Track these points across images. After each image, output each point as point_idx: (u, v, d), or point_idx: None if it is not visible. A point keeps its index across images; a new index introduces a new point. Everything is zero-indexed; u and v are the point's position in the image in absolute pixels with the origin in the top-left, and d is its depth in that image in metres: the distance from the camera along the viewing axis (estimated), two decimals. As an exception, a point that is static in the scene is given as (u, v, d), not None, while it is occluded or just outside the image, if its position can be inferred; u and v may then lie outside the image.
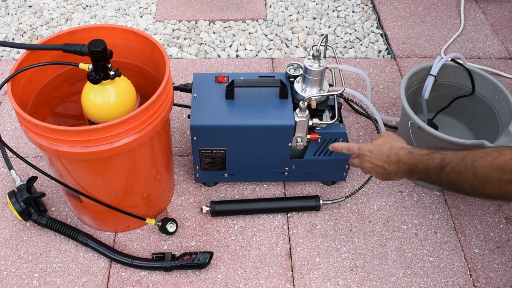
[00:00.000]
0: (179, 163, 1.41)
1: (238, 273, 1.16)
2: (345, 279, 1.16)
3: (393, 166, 0.99)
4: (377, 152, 1.01)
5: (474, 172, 0.84)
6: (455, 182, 0.87)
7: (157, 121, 0.99)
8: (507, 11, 2.02)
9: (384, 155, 1.00)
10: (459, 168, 0.86)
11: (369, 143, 1.05)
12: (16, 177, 1.28)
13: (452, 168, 0.87)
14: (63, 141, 0.91)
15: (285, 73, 1.25)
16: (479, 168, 0.83)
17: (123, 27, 1.11)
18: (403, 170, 0.97)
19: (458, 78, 1.38)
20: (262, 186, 1.35)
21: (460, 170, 0.86)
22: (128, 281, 1.14)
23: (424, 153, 0.94)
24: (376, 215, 1.29)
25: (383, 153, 1.00)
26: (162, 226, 1.21)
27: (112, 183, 1.07)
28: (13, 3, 2.04)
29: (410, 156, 0.96)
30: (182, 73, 1.69)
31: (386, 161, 1.00)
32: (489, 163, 0.81)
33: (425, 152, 0.94)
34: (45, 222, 1.20)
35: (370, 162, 1.03)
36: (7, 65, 1.72)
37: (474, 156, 0.85)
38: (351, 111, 1.57)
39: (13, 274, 1.15)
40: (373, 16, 2.01)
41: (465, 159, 0.85)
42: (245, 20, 1.97)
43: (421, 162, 0.93)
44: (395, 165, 0.98)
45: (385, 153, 1.00)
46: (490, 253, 1.22)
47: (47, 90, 1.12)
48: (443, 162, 0.89)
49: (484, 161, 0.82)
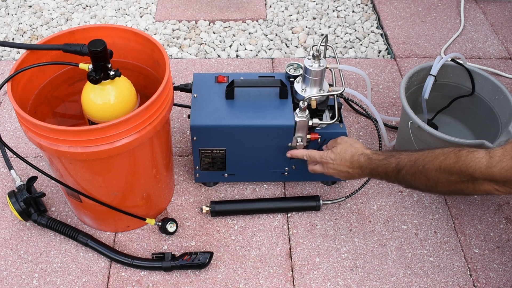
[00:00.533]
0: (179, 163, 1.41)
1: (238, 273, 1.16)
2: (345, 279, 1.16)
3: (356, 170, 1.07)
4: (340, 159, 1.09)
5: (426, 175, 0.92)
6: (411, 183, 0.96)
7: (157, 121, 0.99)
8: (507, 11, 2.02)
9: (347, 161, 1.07)
10: (412, 171, 0.94)
11: (330, 151, 1.12)
12: (16, 177, 1.29)
13: (407, 171, 0.95)
14: (63, 141, 0.91)
15: (285, 73, 1.25)
16: (429, 171, 0.91)
17: (123, 27, 1.11)
18: (366, 173, 1.06)
19: (458, 78, 1.38)
20: (262, 186, 1.35)
21: (414, 173, 0.94)
22: (128, 281, 1.14)
23: (382, 158, 1.02)
24: (376, 215, 1.29)
25: (346, 160, 1.08)
26: (162, 226, 1.21)
27: (112, 183, 1.07)
28: (13, 3, 2.04)
29: (370, 162, 1.03)
30: (182, 73, 1.69)
31: (349, 166, 1.07)
32: (437, 166, 0.90)
33: (382, 157, 1.02)
34: (45, 222, 1.20)
35: (334, 168, 1.11)
36: (7, 65, 1.72)
37: (424, 159, 0.93)
38: (351, 111, 1.57)
39: (13, 274, 1.15)
40: (373, 16, 2.01)
41: (417, 163, 0.94)
42: (245, 20, 1.97)
43: (380, 167, 1.01)
44: (358, 170, 1.06)
45: (348, 160, 1.07)
46: (490, 253, 1.22)
47: (47, 90, 1.12)
48: (398, 165, 0.97)
49: (433, 164, 0.91)
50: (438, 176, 0.90)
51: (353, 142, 1.10)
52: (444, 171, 0.89)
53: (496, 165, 0.82)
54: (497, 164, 0.82)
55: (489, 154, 0.84)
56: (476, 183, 0.87)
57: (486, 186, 0.86)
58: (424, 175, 0.92)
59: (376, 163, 1.02)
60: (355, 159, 1.06)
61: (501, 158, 0.82)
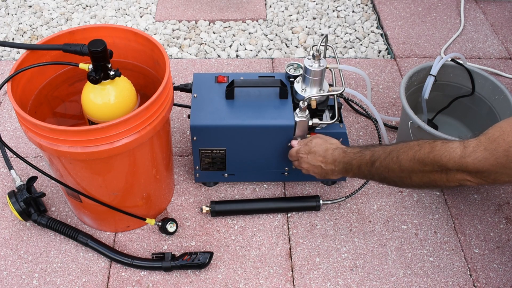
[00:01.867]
0: (179, 163, 1.41)
1: (238, 273, 1.16)
2: (345, 279, 1.16)
3: (330, 166, 1.07)
4: (314, 153, 1.09)
5: (400, 166, 0.92)
6: (384, 176, 0.96)
7: (157, 121, 0.99)
8: (507, 11, 2.02)
9: (321, 156, 1.08)
10: (387, 162, 0.94)
11: (305, 145, 1.12)
12: (16, 177, 1.29)
13: (381, 163, 0.95)
14: (63, 141, 0.91)
15: (285, 73, 1.25)
16: (403, 161, 0.91)
17: (123, 27, 1.11)
18: (339, 168, 1.06)
19: (458, 78, 1.38)
20: (262, 186, 1.35)
21: (387, 164, 0.94)
22: (128, 281, 1.14)
23: (357, 151, 1.02)
24: (376, 215, 1.29)
25: (319, 154, 1.08)
26: (162, 226, 1.21)
27: (112, 183, 1.07)
28: (13, 3, 2.04)
29: (344, 155, 1.04)
30: (182, 73, 1.69)
31: (322, 161, 1.07)
32: (412, 156, 0.90)
33: (357, 150, 1.02)
34: (45, 222, 1.20)
35: (308, 163, 1.11)
36: (7, 65, 1.72)
37: (398, 150, 0.93)
38: (351, 111, 1.57)
39: (13, 274, 1.15)
40: (373, 16, 2.01)
41: (391, 154, 0.94)
42: (245, 20, 1.97)
43: (354, 159, 1.01)
44: (332, 165, 1.06)
45: (322, 154, 1.07)
46: (490, 253, 1.22)
47: (47, 90, 1.12)
48: (373, 157, 0.98)
49: (407, 155, 0.91)
50: (412, 166, 0.90)
51: (328, 138, 1.11)
52: (418, 161, 0.89)
53: (470, 155, 0.82)
54: (470, 154, 0.82)
55: (463, 144, 0.84)
56: (449, 173, 0.87)
57: (458, 176, 0.86)
58: (398, 166, 0.92)
59: (350, 156, 1.02)
60: (329, 154, 1.06)
61: (475, 148, 0.82)
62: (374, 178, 1.00)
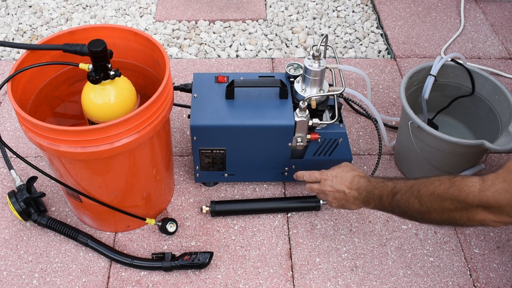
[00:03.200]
0: (179, 163, 1.41)
1: (238, 273, 1.16)
2: (345, 279, 1.16)
3: (354, 192, 1.06)
4: (340, 177, 1.08)
5: (420, 200, 0.91)
6: (404, 210, 0.95)
7: (157, 121, 0.99)
8: (507, 11, 2.02)
9: (347, 181, 1.07)
10: (407, 195, 0.94)
11: (331, 169, 1.12)
12: (16, 177, 1.29)
13: (401, 196, 0.95)
14: (63, 141, 0.91)
15: (285, 73, 1.25)
16: (423, 196, 0.91)
17: (123, 27, 1.11)
18: (362, 197, 1.04)
19: (458, 78, 1.38)
20: (262, 186, 1.35)
21: (408, 198, 0.94)
22: (128, 281, 1.14)
23: (380, 181, 1.02)
24: (376, 215, 1.29)
25: (346, 179, 1.07)
26: (162, 226, 1.21)
27: (112, 183, 1.07)
28: (13, 3, 2.04)
29: (368, 184, 1.03)
30: (182, 73, 1.69)
31: (348, 186, 1.06)
32: (431, 191, 0.89)
33: (380, 180, 1.02)
34: (45, 222, 1.20)
35: (332, 186, 1.09)
36: (7, 65, 1.72)
37: (420, 185, 0.92)
38: (351, 111, 1.57)
39: (13, 274, 1.15)
40: (373, 16, 2.01)
41: (413, 188, 0.93)
42: (245, 20, 1.97)
43: (376, 189, 1.01)
44: (356, 192, 1.05)
45: (348, 179, 1.07)
46: (490, 253, 1.22)
47: (47, 90, 1.12)
48: (394, 189, 0.97)
49: (427, 189, 0.90)
50: (432, 201, 0.89)
51: (354, 167, 1.11)
52: (437, 196, 0.88)
53: (489, 188, 0.81)
54: (489, 187, 0.81)
55: (482, 178, 0.84)
56: (469, 211, 0.85)
57: (480, 215, 0.84)
58: (418, 200, 0.91)
59: (373, 185, 1.02)
60: (355, 180, 1.06)
61: (494, 181, 0.81)
62: (394, 212, 0.99)
